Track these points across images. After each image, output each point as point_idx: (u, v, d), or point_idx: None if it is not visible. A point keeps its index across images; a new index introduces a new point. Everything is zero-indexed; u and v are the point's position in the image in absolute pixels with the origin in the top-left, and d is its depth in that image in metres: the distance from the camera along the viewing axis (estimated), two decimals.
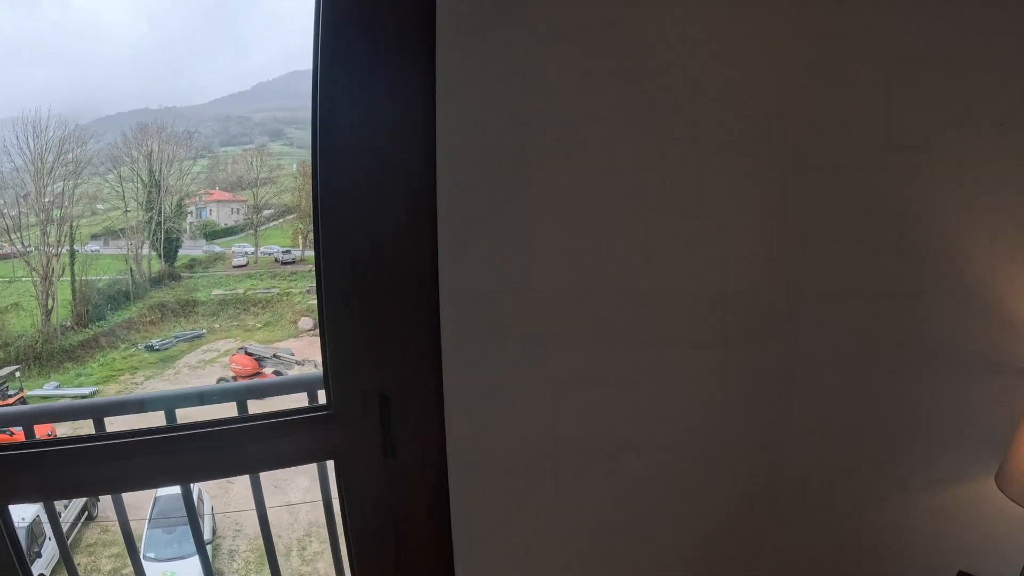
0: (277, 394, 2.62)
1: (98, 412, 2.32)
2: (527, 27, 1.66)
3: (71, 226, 37.57)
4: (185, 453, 1.80)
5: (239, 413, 2.36)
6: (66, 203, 36.95)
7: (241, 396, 2.41)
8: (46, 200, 35.84)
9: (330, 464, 2.07)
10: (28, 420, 2.33)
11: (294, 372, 24.21)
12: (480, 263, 1.87)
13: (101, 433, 2.01)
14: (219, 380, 23.19)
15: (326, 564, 14.11)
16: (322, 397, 1.93)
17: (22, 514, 13.37)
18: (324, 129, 1.69)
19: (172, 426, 1.99)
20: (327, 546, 10.15)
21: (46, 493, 1.88)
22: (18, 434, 11.33)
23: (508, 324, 1.97)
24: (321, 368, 1.86)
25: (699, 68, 1.89)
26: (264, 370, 23.26)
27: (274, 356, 23.58)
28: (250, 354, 23.57)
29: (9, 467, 1.71)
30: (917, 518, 2.11)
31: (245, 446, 1.86)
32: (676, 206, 1.98)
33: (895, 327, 2.06)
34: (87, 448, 1.72)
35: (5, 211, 37.82)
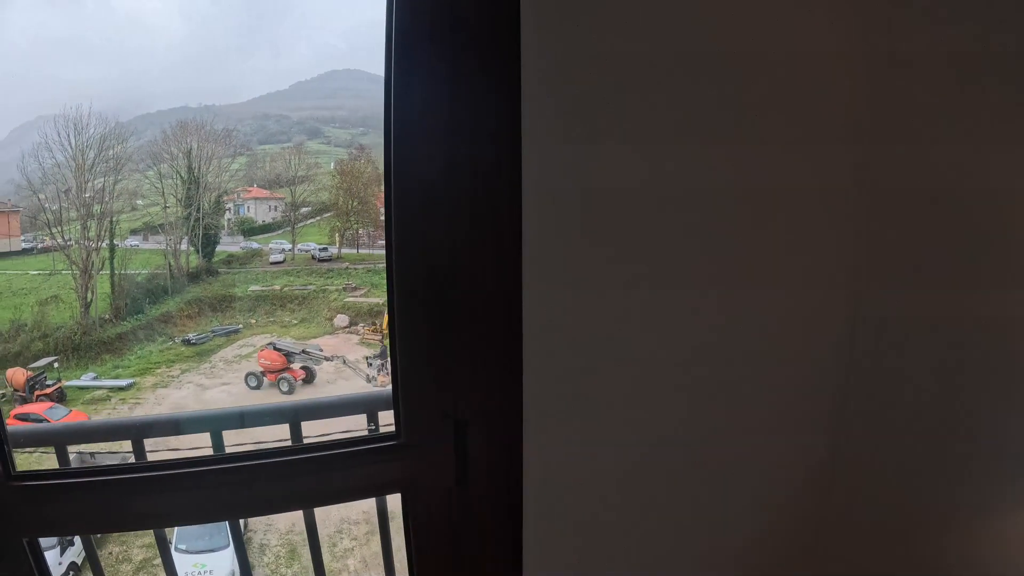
0: (332, 415, 2.45)
1: (137, 432, 2.13)
2: (617, 24, 1.64)
3: (111, 221, 38.40)
4: (235, 486, 1.63)
5: (292, 438, 2.18)
6: (106, 199, 37.72)
7: (293, 417, 2.23)
8: (86, 195, 36.59)
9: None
10: (62, 439, 2.15)
11: (322, 367, 24.49)
12: (566, 281, 1.76)
13: (143, 463, 1.83)
14: (248, 375, 23.56)
15: (356, 560, 14.23)
16: (383, 417, 1.79)
17: None
18: (399, 140, 1.60)
19: (221, 456, 1.81)
20: (357, 543, 10.13)
21: (81, 526, 1.71)
22: (55, 423, 11.31)
23: (593, 346, 1.85)
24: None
25: (801, 78, 1.86)
26: (292, 365, 23.57)
27: (303, 352, 23.75)
28: (279, 349, 23.78)
29: (43, 496, 1.56)
30: (987, 544, 2.04)
31: (302, 479, 1.68)
32: (763, 213, 1.94)
33: (982, 339, 1.97)
34: (127, 480, 1.54)
35: (46, 206, 38.61)
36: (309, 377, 24.23)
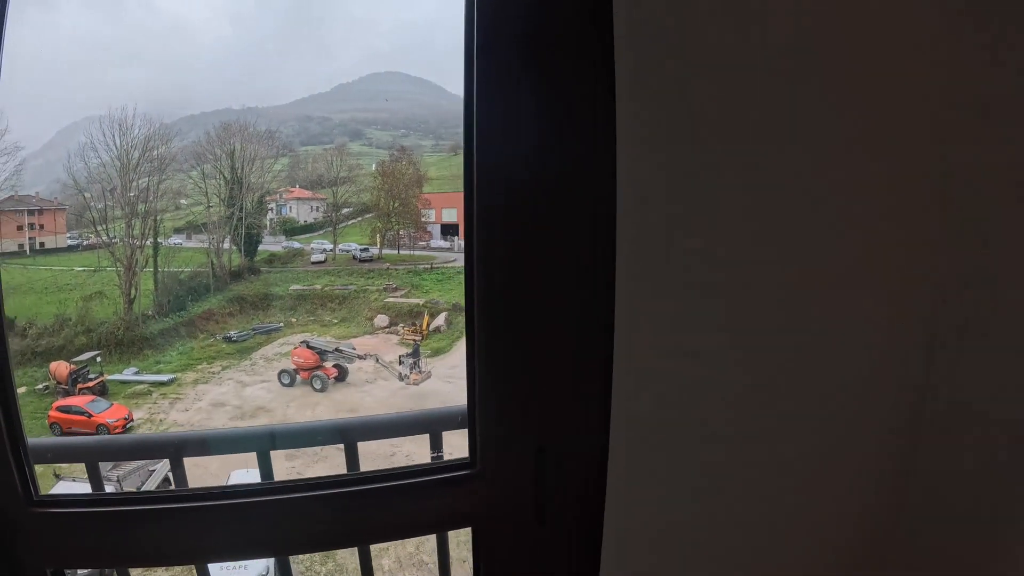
0: (390, 435, 2.23)
1: (174, 451, 1.92)
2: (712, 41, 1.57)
3: (155, 220, 39.06)
4: (284, 520, 1.43)
5: (348, 465, 1.97)
6: (150, 198, 38.41)
7: (347, 436, 2.01)
8: (131, 194, 37.25)
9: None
10: (95, 456, 1.97)
11: (355, 366, 24.63)
12: (663, 301, 1.64)
13: (181, 491, 1.65)
14: (281, 372, 23.86)
15: (391, 560, 14.23)
16: (449, 440, 1.62)
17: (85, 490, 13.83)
18: (482, 150, 1.44)
19: (268, 486, 1.61)
20: (393, 543, 10.00)
21: (112, 559, 1.52)
22: (96, 416, 11.47)
23: (686, 364, 1.71)
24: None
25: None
26: (325, 364, 23.79)
27: (336, 350, 23.98)
28: (312, 348, 24.08)
29: (69, 525, 1.41)
30: None
31: (361, 512, 1.48)
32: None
33: None
34: (164, 510, 1.36)
35: (92, 204, 39.40)
36: (342, 375, 24.49)
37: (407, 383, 23.66)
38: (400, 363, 24.55)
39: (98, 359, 26.28)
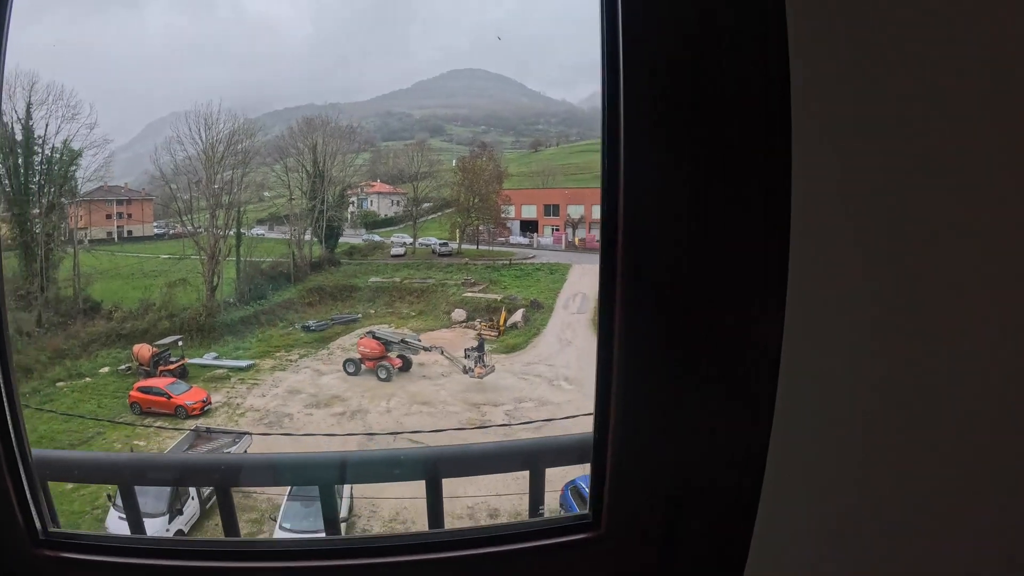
0: (485, 471, 1.90)
1: (221, 478, 1.60)
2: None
3: (238, 211, 39.91)
4: None
5: (430, 513, 1.63)
6: (234, 190, 39.31)
7: (434, 469, 1.67)
8: (216, 186, 38.22)
9: None
10: (126, 477, 1.67)
11: (420, 357, 24.98)
12: (836, 339, 1.46)
13: (220, 544, 1.34)
14: (346, 362, 24.46)
15: None
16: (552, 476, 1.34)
17: None
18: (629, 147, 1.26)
19: (329, 545, 1.31)
20: None
21: None
22: (175, 398, 11.79)
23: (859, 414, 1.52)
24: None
25: None
26: (390, 354, 24.52)
27: (402, 341, 24.69)
28: (378, 338, 24.83)
29: (80, 571, 1.14)
30: None
31: None
32: None
33: None
34: (197, 570, 1.06)
35: (178, 195, 40.52)
36: (405, 365, 25.07)
37: (471, 376, 24.08)
38: (465, 356, 25.02)
39: (180, 343, 27.06)
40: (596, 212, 55.38)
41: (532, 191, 65.29)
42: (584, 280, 41.92)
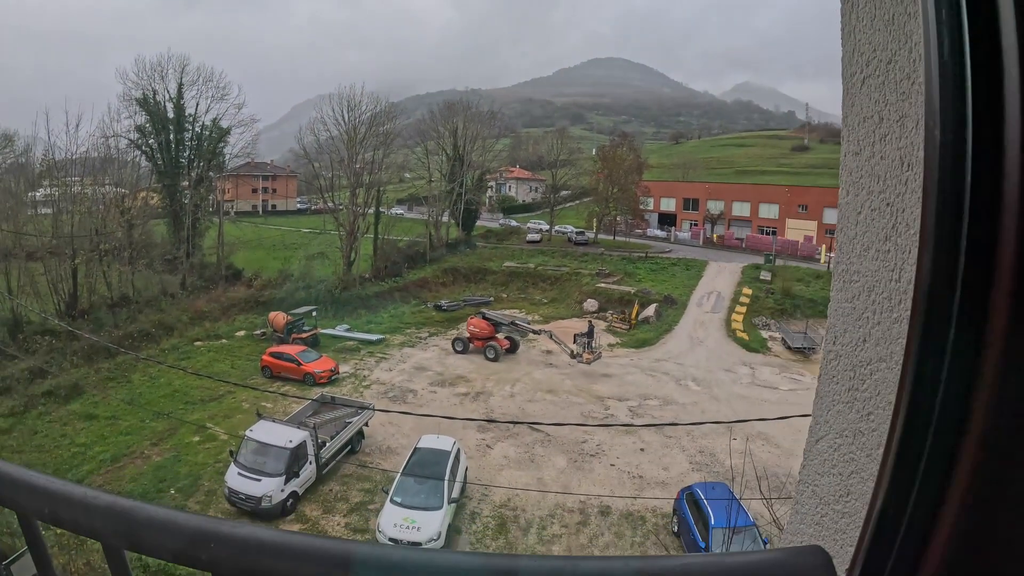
0: None
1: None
2: None
3: (378, 190, 40.72)
4: None
5: None
6: (375, 170, 40.03)
7: None
8: (357, 166, 38.87)
9: None
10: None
11: (526, 339, 24.68)
12: None
13: None
14: (455, 340, 24.48)
15: (561, 548, 13.71)
16: None
17: (290, 436, 14.03)
18: None
19: None
20: (567, 531, 9.46)
21: None
22: (305, 365, 11.66)
23: None
24: None
25: None
26: (498, 335, 24.46)
27: (512, 323, 24.58)
28: (488, 319, 24.78)
29: None
30: None
31: None
32: None
33: None
34: None
35: (321, 173, 41.56)
36: (513, 347, 24.74)
37: (579, 361, 23.63)
38: (574, 341, 24.62)
39: (314, 313, 27.41)
40: (736, 208, 54.02)
41: (672, 184, 64.56)
42: (720, 278, 41.58)
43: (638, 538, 13.52)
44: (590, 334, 26.05)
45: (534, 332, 25.84)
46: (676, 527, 13.46)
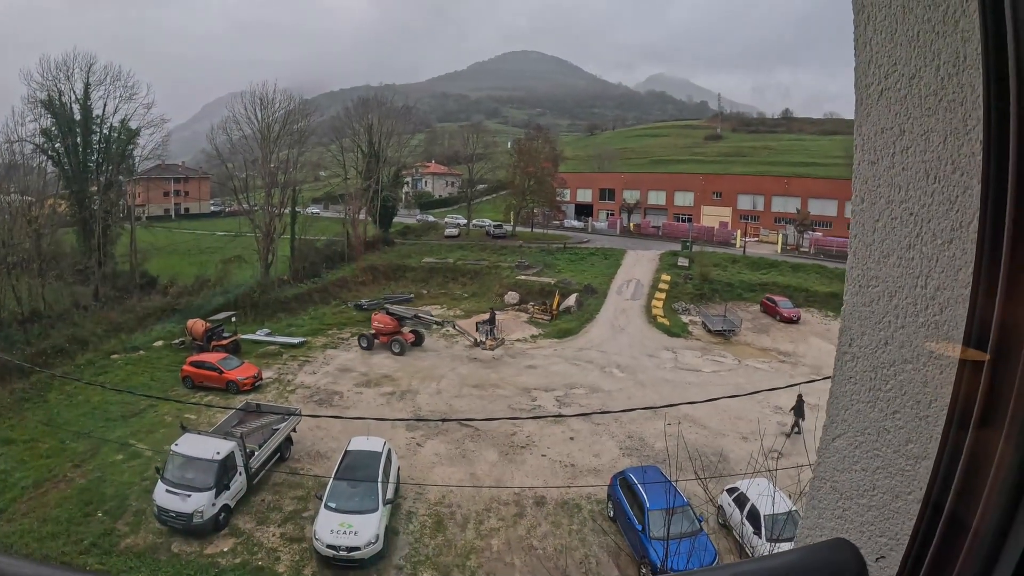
0: None
1: None
2: None
3: (294, 190, 40.14)
4: None
5: None
6: (290, 169, 39.47)
7: None
8: (271, 165, 38.30)
9: None
10: None
11: (452, 337, 25.25)
12: None
13: None
14: (360, 337, 24.89)
15: (500, 541, 13.78)
16: None
17: (217, 448, 13.55)
18: None
19: None
20: (504, 523, 9.79)
21: None
22: (227, 373, 11.65)
23: None
24: None
25: None
26: (403, 329, 24.97)
27: (415, 316, 25.16)
28: (392, 314, 25.24)
29: None
30: None
31: None
32: None
33: None
34: None
35: (235, 173, 40.79)
36: (418, 340, 25.30)
37: (482, 348, 24.26)
38: (477, 329, 25.35)
39: (233, 319, 26.99)
40: (652, 197, 54.98)
41: (588, 175, 65.36)
42: (638, 266, 42.17)
43: (575, 526, 13.68)
44: (491, 321, 27.16)
45: (437, 324, 26.55)
46: (611, 512, 13.72)
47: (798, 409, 17.43)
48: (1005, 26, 0.70)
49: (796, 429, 17.40)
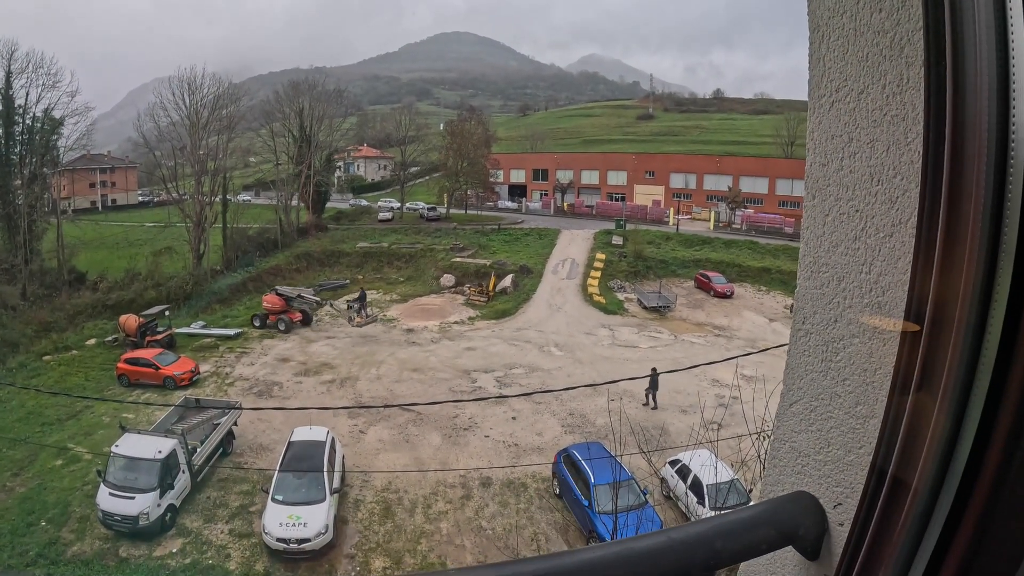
0: None
1: None
2: None
3: (224, 177, 39.43)
4: None
5: None
6: (220, 156, 38.75)
7: None
8: (201, 152, 37.55)
9: None
10: None
11: (315, 311, 26.11)
12: None
13: None
14: (253, 316, 25.65)
15: (449, 524, 13.98)
16: None
17: (159, 447, 13.41)
18: None
19: None
20: (452, 506, 10.08)
21: None
22: (163, 369, 11.68)
23: None
24: None
25: None
26: (291, 308, 25.59)
27: (299, 296, 25.89)
28: (280, 294, 25.83)
29: None
30: None
31: None
32: None
33: None
34: None
35: (163, 162, 39.90)
36: (306, 319, 25.98)
37: (352, 325, 25.14)
38: (348, 307, 26.21)
39: (166, 313, 26.63)
40: (586, 177, 55.46)
41: (521, 155, 65.50)
42: (573, 246, 42.43)
43: (523, 504, 13.94)
44: (362, 299, 28.35)
45: (318, 303, 27.74)
46: (557, 489, 14.03)
47: (653, 382, 18.01)
48: (945, 55, 0.83)
49: (652, 404, 18.24)
